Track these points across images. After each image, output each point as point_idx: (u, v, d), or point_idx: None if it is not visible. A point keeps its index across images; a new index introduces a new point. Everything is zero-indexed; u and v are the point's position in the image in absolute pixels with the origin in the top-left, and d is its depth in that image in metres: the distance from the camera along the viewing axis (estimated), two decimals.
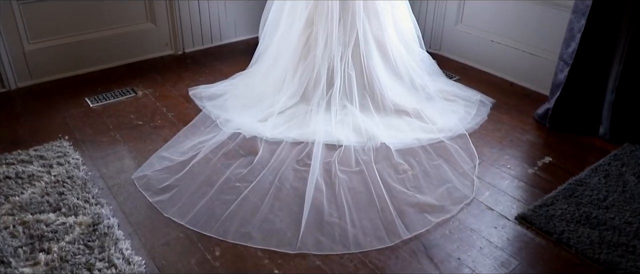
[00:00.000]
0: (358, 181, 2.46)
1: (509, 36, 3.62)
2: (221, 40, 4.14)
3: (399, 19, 3.25)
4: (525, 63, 3.55)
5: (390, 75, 3.15)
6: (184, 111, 3.09)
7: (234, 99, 3.11)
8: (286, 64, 3.10)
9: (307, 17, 3.04)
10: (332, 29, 2.97)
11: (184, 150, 2.65)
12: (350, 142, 2.73)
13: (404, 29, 3.30)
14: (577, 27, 2.85)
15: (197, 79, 3.51)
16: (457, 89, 3.35)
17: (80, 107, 3.13)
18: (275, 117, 2.90)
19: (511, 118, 3.13)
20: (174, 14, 3.82)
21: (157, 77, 3.54)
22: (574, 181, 2.52)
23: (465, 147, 2.77)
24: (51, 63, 3.44)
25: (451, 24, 3.96)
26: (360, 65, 3.02)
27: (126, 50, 3.72)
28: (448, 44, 4.03)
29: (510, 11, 3.56)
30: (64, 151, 2.62)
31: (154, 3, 3.72)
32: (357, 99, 2.98)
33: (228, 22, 4.12)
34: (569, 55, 2.92)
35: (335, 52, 2.99)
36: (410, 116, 3.01)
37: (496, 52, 3.70)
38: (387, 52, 3.14)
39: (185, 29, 3.92)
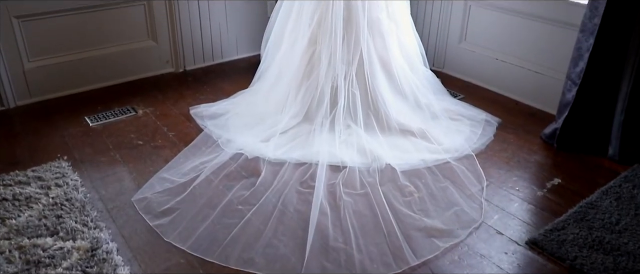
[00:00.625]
0: (363, 203, 2.40)
1: (513, 54, 3.59)
2: (222, 58, 4.11)
3: (403, 37, 3.21)
4: (530, 82, 3.50)
5: (394, 94, 3.10)
6: (185, 130, 3.04)
7: (235, 119, 3.06)
8: (289, 82, 3.06)
9: (311, 36, 3.00)
10: (335, 48, 2.93)
11: (185, 171, 2.59)
12: (355, 164, 2.67)
13: (408, 47, 3.26)
14: (585, 46, 2.81)
15: (198, 98, 3.46)
16: (462, 108, 3.30)
17: (79, 126, 3.08)
18: (277, 137, 2.84)
19: (518, 138, 3.08)
20: (175, 32, 3.79)
21: (157, 95, 3.49)
22: (584, 203, 2.46)
23: (472, 169, 2.71)
24: (51, 81, 3.40)
25: (455, 41, 3.92)
26: (365, 84, 2.98)
27: (126, 68, 3.68)
28: (452, 62, 3.99)
29: (515, 29, 3.53)
30: (62, 172, 2.56)
31: (155, 20, 3.68)
32: (362, 118, 2.93)
33: (229, 40, 4.09)
34: (577, 74, 2.88)
35: (339, 71, 2.94)
36: (416, 135, 2.96)
37: (501, 70, 3.66)
38: (391, 71, 3.10)
39: (187, 46, 3.89)
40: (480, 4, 3.69)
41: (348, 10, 2.97)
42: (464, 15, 3.80)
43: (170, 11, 3.72)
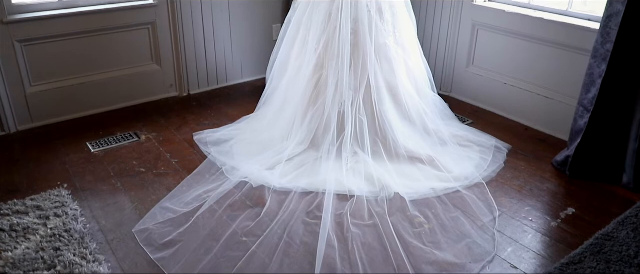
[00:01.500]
0: (372, 235, 2.32)
1: (522, 79, 3.53)
2: (227, 82, 4.06)
3: (410, 62, 3.16)
4: (540, 107, 3.44)
5: (402, 120, 3.04)
6: (189, 157, 2.98)
7: (240, 145, 3.00)
8: (295, 108, 3.00)
9: (317, 61, 2.95)
10: (342, 74, 2.87)
11: (188, 200, 2.52)
12: (363, 193, 2.59)
13: (416, 72, 3.20)
14: (598, 73, 2.75)
15: (202, 123, 3.40)
16: (471, 134, 3.23)
17: (81, 152, 3.02)
18: (283, 165, 2.78)
19: (529, 165, 3.01)
20: (180, 55, 3.75)
21: (161, 120, 3.44)
22: (600, 235, 2.38)
23: (483, 198, 2.64)
24: (53, 106, 3.35)
25: (462, 66, 3.87)
26: (372, 110, 2.92)
27: (130, 92, 3.63)
28: (459, 86, 3.93)
29: (523, 53, 3.47)
30: (62, 201, 2.49)
31: (160, 44, 3.64)
32: (369, 145, 2.87)
33: (234, 63, 4.04)
34: (589, 101, 2.81)
35: (346, 97, 2.88)
36: (424, 163, 2.88)
37: (509, 95, 3.60)
38: (399, 97, 3.04)
39: (191, 70, 3.84)
40: (487, 28, 3.64)
41: (355, 35, 2.93)
42: (472, 39, 3.75)
43: (175, 35, 3.68)
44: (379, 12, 2.98)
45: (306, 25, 3.03)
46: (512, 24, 3.47)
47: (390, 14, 3.03)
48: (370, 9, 2.95)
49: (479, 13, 3.66)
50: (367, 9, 2.94)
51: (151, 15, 3.55)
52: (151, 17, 3.56)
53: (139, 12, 3.51)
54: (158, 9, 3.56)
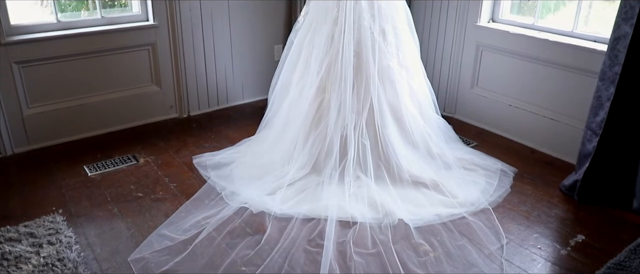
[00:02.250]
0: (376, 265, 2.24)
1: (528, 100, 3.47)
2: (228, 103, 4.01)
3: (414, 84, 3.10)
4: (546, 129, 3.37)
5: (406, 144, 2.97)
6: (187, 181, 2.91)
7: (240, 169, 2.93)
8: (296, 132, 2.94)
9: (319, 84, 2.90)
10: (345, 97, 2.82)
11: (186, 227, 2.44)
12: (366, 219, 2.52)
13: (419, 94, 3.15)
14: (606, 95, 2.69)
15: (201, 145, 3.34)
16: (476, 157, 3.17)
17: (77, 176, 2.95)
18: (284, 190, 2.71)
19: (536, 189, 2.93)
20: (180, 76, 3.70)
21: (160, 142, 3.38)
22: (612, 264, 2.30)
23: (489, 224, 2.56)
24: (50, 128, 3.29)
25: (466, 87, 3.81)
26: (375, 134, 2.85)
27: (129, 113, 3.58)
28: (463, 108, 3.87)
29: (528, 75, 3.42)
30: (56, 228, 2.42)
31: (160, 65, 3.60)
32: (372, 170, 2.80)
33: (235, 84, 4.00)
34: (597, 124, 2.74)
35: (349, 121, 2.82)
36: (429, 187, 2.81)
37: (515, 116, 3.54)
38: (402, 120, 2.98)
39: (191, 91, 3.79)
40: (492, 49, 3.59)
41: (358, 57, 2.88)
42: (476, 60, 3.71)
43: (175, 55, 3.64)
44: (382, 34, 2.93)
45: (308, 47, 2.98)
46: (516, 45, 3.43)
47: (393, 36, 2.98)
48: (373, 31, 2.90)
49: (483, 34, 3.62)
50: (370, 31, 2.89)
51: (151, 36, 3.51)
52: (151, 38, 3.52)
53: (139, 33, 3.47)
54: (158, 30, 3.52)
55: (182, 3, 3.55)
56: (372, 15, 2.90)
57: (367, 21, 2.89)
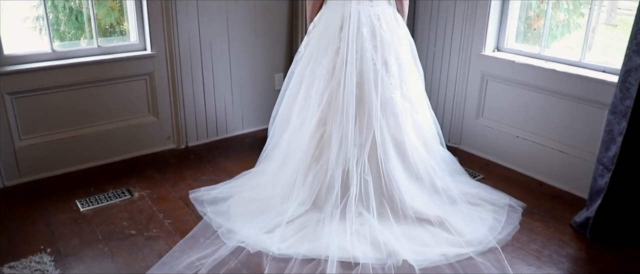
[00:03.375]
0: None
1: (535, 132, 3.37)
2: (227, 133, 3.91)
3: (417, 116, 3.00)
4: (554, 161, 3.27)
5: (409, 178, 2.86)
6: (183, 217, 2.80)
7: (238, 205, 2.82)
8: (296, 166, 2.83)
9: (320, 116, 2.80)
10: (347, 130, 2.72)
11: (179, 269, 2.33)
12: (368, 260, 2.40)
13: (424, 126, 3.04)
14: (618, 130, 2.59)
15: (199, 178, 3.24)
16: (483, 192, 3.05)
17: (69, 211, 2.84)
18: (283, 227, 2.59)
19: (546, 226, 2.81)
20: (178, 106, 3.61)
21: (156, 175, 3.27)
22: None
23: (498, 266, 2.44)
24: (43, 160, 3.20)
25: (471, 117, 3.72)
26: (378, 169, 2.74)
27: (125, 145, 3.48)
28: (469, 138, 3.77)
29: (535, 105, 3.33)
30: (43, 269, 2.30)
31: (157, 95, 3.52)
32: (375, 206, 2.68)
33: (235, 114, 3.91)
34: (609, 159, 2.64)
35: (351, 155, 2.72)
36: (433, 224, 2.70)
37: (522, 148, 3.43)
38: (406, 153, 2.87)
39: (190, 121, 3.70)
40: (497, 79, 3.51)
41: (360, 89, 2.79)
42: (481, 90, 3.62)
43: (173, 85, 3.56)
44: (385, 65, 2.84)
45: (309, 78, 2.90)
46: (522, 75, 3.34)
47: (397, 67, 2.89)
48: (375, 62, 2.81)
49: (488, 63, 3.53)
50: (372, 62, 2.81)
51: (149, 65, 3.44)
52: (149, 68, 3.45)
53: (137, 62, 3.40)
54: (156, 59, 3.45)
55: (180, 32, 3.48)
56: (374, 46, 2.82)
57: (369, 52, 2.81)
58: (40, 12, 3.24)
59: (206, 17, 3.56)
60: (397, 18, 2.95)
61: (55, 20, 3.76)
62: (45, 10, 3.13)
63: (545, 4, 3.40)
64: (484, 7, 3.46)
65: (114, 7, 3.71)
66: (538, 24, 3.62)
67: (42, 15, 3.23)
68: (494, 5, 3.46)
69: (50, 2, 3.71)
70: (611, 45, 3.44)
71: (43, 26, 3.34)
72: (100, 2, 3.53)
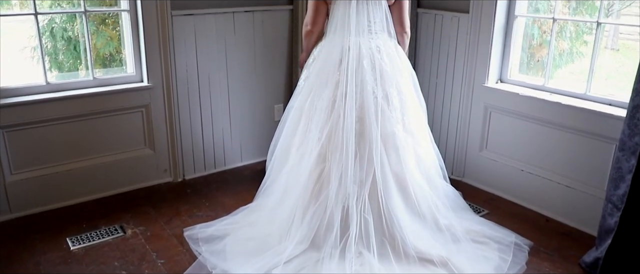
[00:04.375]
0: None
1: (540, 166, 3.28)
2: (225, 165, 3.83)
3: (420, 150, 2.92)
4: (561, 196, 3.17)
5: (411, 216, 2.77)
6: (176, 256, 2.70)
7: (234, 244, 2.72)
8: (295, 202, 2.74)
9: (320, 151, 2.72)
10: (347, 166, 2.64)
11: None
12: None
13: (426, 161, 2.96)
14: (627, 167, 2.50)
15: (195, 214, 3.15)
16: (488, 229, 2.95)
17: (59, 249, 2.75)
18: (281, 268, 2.49)
19: (554, 266, 2.71)
20: (175, 138, 3.54)
21: (151, 211, 3.19)
22: None
23: None
24: (35, 195, 3.11)
25: (475, 149, 3.63)
26: (378, 207, 2.65)
27: (120, 178, 3.40)
28: (472, 171, 3.68)
29: (540, 139, 3.24)
30: None
31: (154, 127, 3.45)
32: (375, 246, 2.59)
33: (233, 146, 3.83)
34: (618, 198, 2.54)
35: (351, 192, 2.63)
36: (436, 265, 2.59)
37: (527, 182, 3.34)
38: (407, 190, 2.78)
39: (187, 154, 3.63)
40: (501, 111, 3.43)
41: (361, 123, 2.71)
42: (484, 122, 3.54)
43: (170, 117, 3.49)
44: (386, 98, 2.77)
45: (308, 112, 2.82)
46: (527, 107, 3.27)
47: (398, 100, 2.82)
48: (376, 95, 2.74)
49: (491, 95, 3.46)
50: (373, 95, 2.74)
51: (145, 97, 3.38)
52: (145, 100, 3.38)
53: (133, 94, 3.34)
54: (153, 91, 3.39)
55: (178, 63, 3.43)
56: (375, 79, 2.76)
57: (370, 85, 2.74)
58: (38, 42, 3.19)
59: (204, 47, 3.51)
60: (397, 50, 2.89)
61: (54, 49, 3.73)
62: (40, 42, 3.07)
63: (548, 34, 3.35)
64: (486, 38, 3.41)
65: (113, 36, 3.68)
66: (541, 53, 3.57)
67: (38, 45, 3.18)
68: (496, 36, 3.40)
69: (48, 32, 3.68)
70: (614, 70, 3.39)
71: (40, 56, 3.31)
72: (99, 31, 3.50)
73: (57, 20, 3.68)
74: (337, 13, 2.75)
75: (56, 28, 3.73)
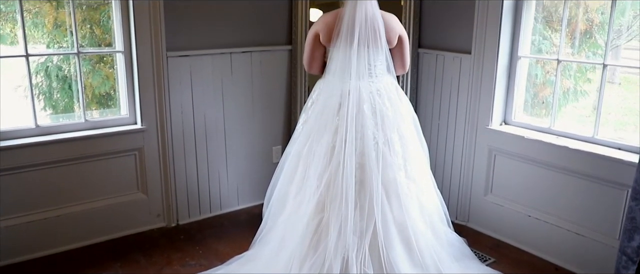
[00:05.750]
0: None
1: (548, 211, 3.16)
2: (221, 210, 3.70)
3: (423, 197, 2.80)
4: (571, 244, 3.04)
5: (414, 268, 2.62)
6: None
7: None
8: (292, 253, 2.61)
9: (318, 200, 2.60)
10: (346, 216, 2.52)
11: None
12: None
13: (430, 208, 2.83)
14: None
15: (187, 263, 3.01)
16: None
17: None
18: None
19: None
20: (169, 182, 3.43)
21: (141, 259, 3.05)
22: None
23: None
24: (24, 242, 2.99)
25: (479, 193, 3.51)
26: (379, 260, 2.52)
27: (111, 224, 3.28)
28: (477, 216, 3.55)
29: (548, 183, 3.13)
30: None
31: (147, 171, 3.34)
32: None
33: (230, 189, 3.71)
34: (633, 250, 2.41)
35: (350, 244, 2.50)
36: None
37: (535, 228, 3.21)
38: (410, 240, 2.64)
39: (181, 198, 3.51)
40: (506, 154, 3.33)
41: (361, 170, 2.60)
42: (489, 165, 3.43)
43: (164, 160, 3.38)
44: (388, 144, 2.67)
45: (307, 158, 2.71)
46: (533, 151, 3.16)
47: (400, 145, 2.72)
48: (377, 141, 2.64)
49: (495, 138, 3.36)
50: (374, 141, 2.64)
51: (138, 140, 3.28)
52: (138, 143, 3.28)
53: (126, 137, 3.24)
54: (146, 134, 3.29)
55: (173, 104, 3.34)
56: (376, 124, 2.66)
57: (371, 130, 2.64)
58: (32, 81, 3.12)
59: (200, 88, 3.43)
60: (399, 92, 2.81)
61: (49, 88, 3.64)
62: (30, 84, 2.99)
63: (551, 73, 3.27)
64: (489, 79, 3.32)
65: (110, 75, 3.60)
66: (544, 92, 3.48)
67: (34, 84, 3.11)
68: (500, 77, 3.32)
69: (43, 71, 3.60)
70: (616, 105, 3.29)
71: (35, 95, 3.22)
72: (95, 70, 3.42)
73: (54, 59, 3.62)
74: (337, 56, 2.67)
75: (51, 67, 3.66)
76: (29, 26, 3.14)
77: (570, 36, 3.22)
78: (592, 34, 3.26)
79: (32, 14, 3.27)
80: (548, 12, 3.31)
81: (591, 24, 3.26)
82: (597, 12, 3.21)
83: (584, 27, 3.27)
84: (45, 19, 3.25)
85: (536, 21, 3.30)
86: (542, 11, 3.29)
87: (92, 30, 3.42)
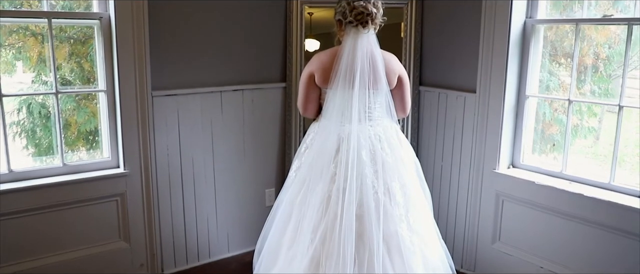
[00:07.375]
0: None
1: (563, 263, 2.93)
2: (210, 257, 3.46)
3: (427, 250, 2.57)
4: None
5: None
6: None
7: None
8: None
9: (313, 256, 2.37)
10: None
11: None
12: None
13: (434, 262, 2.60)
14: None
15: None
16: None
17: None
18: None
19: None
20: (153, 229, 3.19)
21: None
22: None
23: None
24: None
25: (487, 241, 3.28)
26: None
27: None
28: (485, 265, 3.31)
29: (561, 232, 2.91)
30: None
31: (129, 218, 3.11)
32: None
33: (219, 236, 3.48)
34: None
35: None
36: None
37: None
38: None
39: (166, 246, 3.28)
40: (514, 200, 3.11)
41: (360, 222, 2.38)
42: (496, 211, 3.20)
43: (149, 205, 3.16)
44: (388, 194, 2.45)
45: (300, 208, 2.49)
46: (544, 197, 2.95)
47: (402, 195, 2.50)
48: (377, 190, 2.43)
49: (503, 183, 3.15)
50: (373, 190, 2.42)
51: (121, 185, 3.05)
52: (121, 188, 3.06)
53: (107, 182, 3.02)
54: (129, 178, 3.07)
55: (158, 146, 3.14)
56: (375, 172, 2.45)
57: (370, 179, 2.43)
58: (14, 118, 2.95)
59: (188, 128, 3.22)
60: (399, 136, 2.61)
61: (31, 126, 3.45)
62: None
63: (559, 112, 3.07)
64: (495, 120, 3.12)
65: (96, 112, 3.40)
66: (551, 130, 3.29)
67: (15, 122, 2.94)
68: (507, 118, 3.12)
69: (26, 108, 3.40)
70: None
71: (16, 132, 3.03)
72: (80, 107, 3.22)
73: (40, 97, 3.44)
74: (334, 99, 2.47)
75: (33, 104, 3.47)
76: (9, 61, 2.95)
77: (576, 70, 3.04)
78: (597, 69, 3.09)
79: (15, 49, 3.09)
80: (552, 47, 3.14)
81: (597, 58, 3.09)
82: (604, 46, 3.04)
83: (590, 62, 3.10)
84: (28, 54, 3.07)
85: (543, 57, 3.12)
86: (547, 45, 3.12)
87: (79, 64, 3.24)
